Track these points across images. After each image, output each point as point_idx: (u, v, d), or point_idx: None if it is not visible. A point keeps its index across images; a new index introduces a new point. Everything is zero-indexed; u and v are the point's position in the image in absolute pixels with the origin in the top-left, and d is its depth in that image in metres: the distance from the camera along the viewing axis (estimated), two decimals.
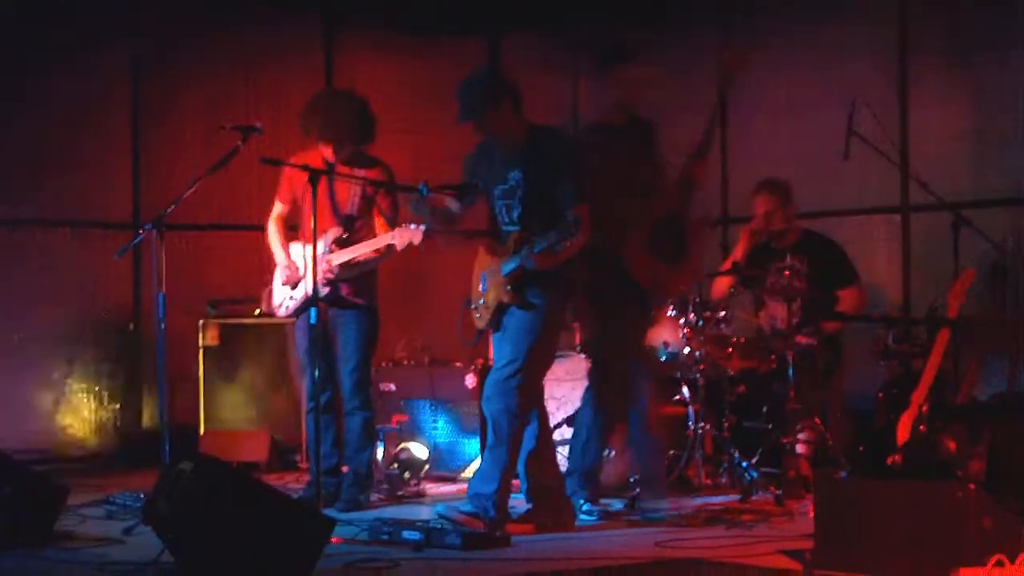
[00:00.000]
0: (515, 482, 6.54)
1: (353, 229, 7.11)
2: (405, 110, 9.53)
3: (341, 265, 7.03)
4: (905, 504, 5.15)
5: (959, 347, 7.02)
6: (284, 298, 7.28)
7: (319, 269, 6.71)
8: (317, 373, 6.76)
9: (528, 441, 6.47)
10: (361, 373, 7.20)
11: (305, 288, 7.11)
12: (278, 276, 7.31)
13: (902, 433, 6.89)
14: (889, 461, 6.36)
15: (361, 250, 7.02)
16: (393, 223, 7.02)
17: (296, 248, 7.26)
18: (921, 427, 6.88)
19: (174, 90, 9.35)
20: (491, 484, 6.35)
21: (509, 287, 6.38)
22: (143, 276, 9.04)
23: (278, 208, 7.38)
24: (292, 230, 7.30)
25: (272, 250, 7.35)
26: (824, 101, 8.61)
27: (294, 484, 7.69)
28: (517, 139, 6.46)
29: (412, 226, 6.84)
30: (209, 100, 9.28)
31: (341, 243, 7.07)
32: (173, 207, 6.72)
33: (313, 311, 6.40)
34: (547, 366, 6.63)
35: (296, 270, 7.18)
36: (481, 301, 6.54)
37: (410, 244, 6.86)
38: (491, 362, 6.95)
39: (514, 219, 6.46)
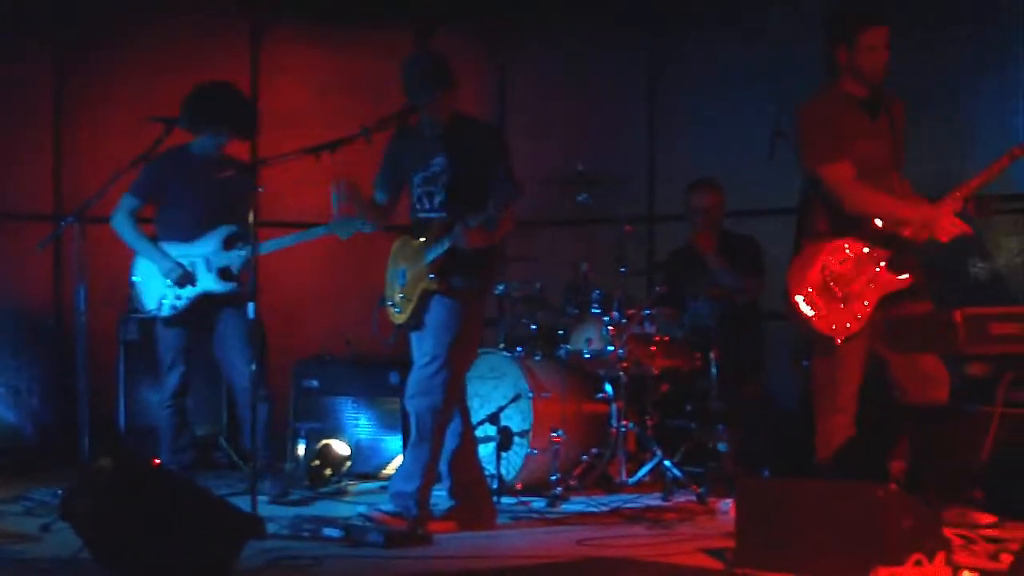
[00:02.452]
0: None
1: (243, 224, 7.04)
2: (334, 101, 9.46)
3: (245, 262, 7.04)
4: (826, 503, 5.18)
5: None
6: (169, 297, 7.22)
7: (215, 266, 6.95)
8: (179, 376, 7.22)
9: (451, 439, 6.43)
10: (258, 363, 7.16)
11: (203, 287, 7.10)
12: (158, 274, 7.24)
13: None
14: None
15: (283, 243, 7.03)
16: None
17: (178, 248, 7.22)
18: None
19: (98, 80, 9.21)
20: (413, 482, 6.30)
21: (433, 275, 6.29)
22: (64, 269, 8.90)
23: (135, 203, 7.39)
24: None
25: (140, 247, 7.33)
26: (751, 100, 8.67)
27: (216, 480, 7.62)
28: (442, 124, 6.37)
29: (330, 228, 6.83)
30: (134, 91, 9.11)
31: (231, 240, 7.05)
32: (96, 199, 6.67)
33: (251, 306, 6.33)
34: (470, 361, 6.60)
35: (187, 270, 7.15)
36: (401, 296, 6.44)
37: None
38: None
39: (436, 206, 6.35)
